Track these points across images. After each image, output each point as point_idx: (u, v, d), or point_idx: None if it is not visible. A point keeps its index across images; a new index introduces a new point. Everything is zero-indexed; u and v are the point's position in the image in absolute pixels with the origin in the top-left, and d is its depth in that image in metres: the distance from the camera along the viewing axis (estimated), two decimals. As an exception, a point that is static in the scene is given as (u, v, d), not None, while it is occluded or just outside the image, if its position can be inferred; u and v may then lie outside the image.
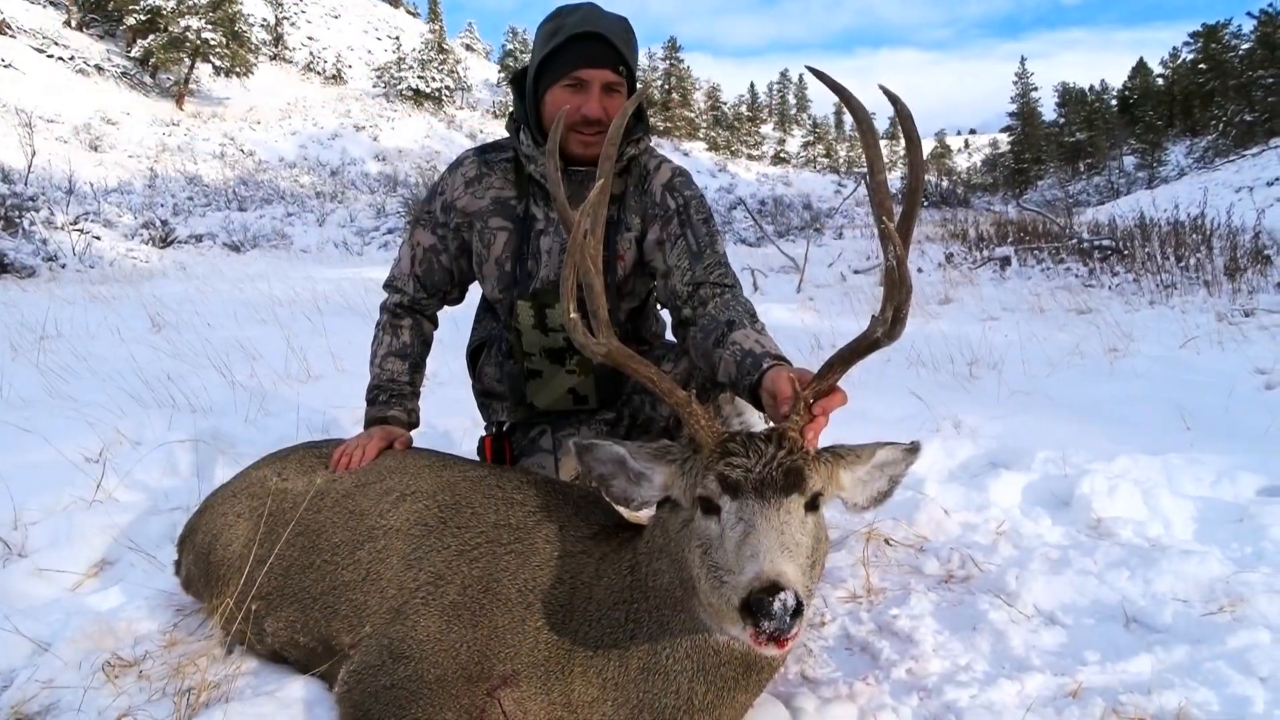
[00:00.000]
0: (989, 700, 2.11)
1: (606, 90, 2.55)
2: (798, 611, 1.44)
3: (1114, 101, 65.07)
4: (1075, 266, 10.45)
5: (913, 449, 1.86)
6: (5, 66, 32.92)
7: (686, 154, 63.66)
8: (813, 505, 1.66)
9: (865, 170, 2.05)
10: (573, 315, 1.86)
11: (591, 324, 1.90)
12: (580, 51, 2.52)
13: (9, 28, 36.06)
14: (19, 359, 5.55)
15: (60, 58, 37.02)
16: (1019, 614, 2.49)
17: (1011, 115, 69.09)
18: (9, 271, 10.36)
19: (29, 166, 16.25)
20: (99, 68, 38.68)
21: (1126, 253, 10.37)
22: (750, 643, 1.48)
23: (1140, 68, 65.40)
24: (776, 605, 1.42)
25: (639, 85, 2.63)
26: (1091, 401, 4.66)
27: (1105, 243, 10.98)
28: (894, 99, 1.84)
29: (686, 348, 2.56)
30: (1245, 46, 47.44)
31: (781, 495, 1.60)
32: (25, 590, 2.65)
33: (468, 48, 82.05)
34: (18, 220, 11.60)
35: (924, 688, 2.19)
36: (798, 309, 8.61)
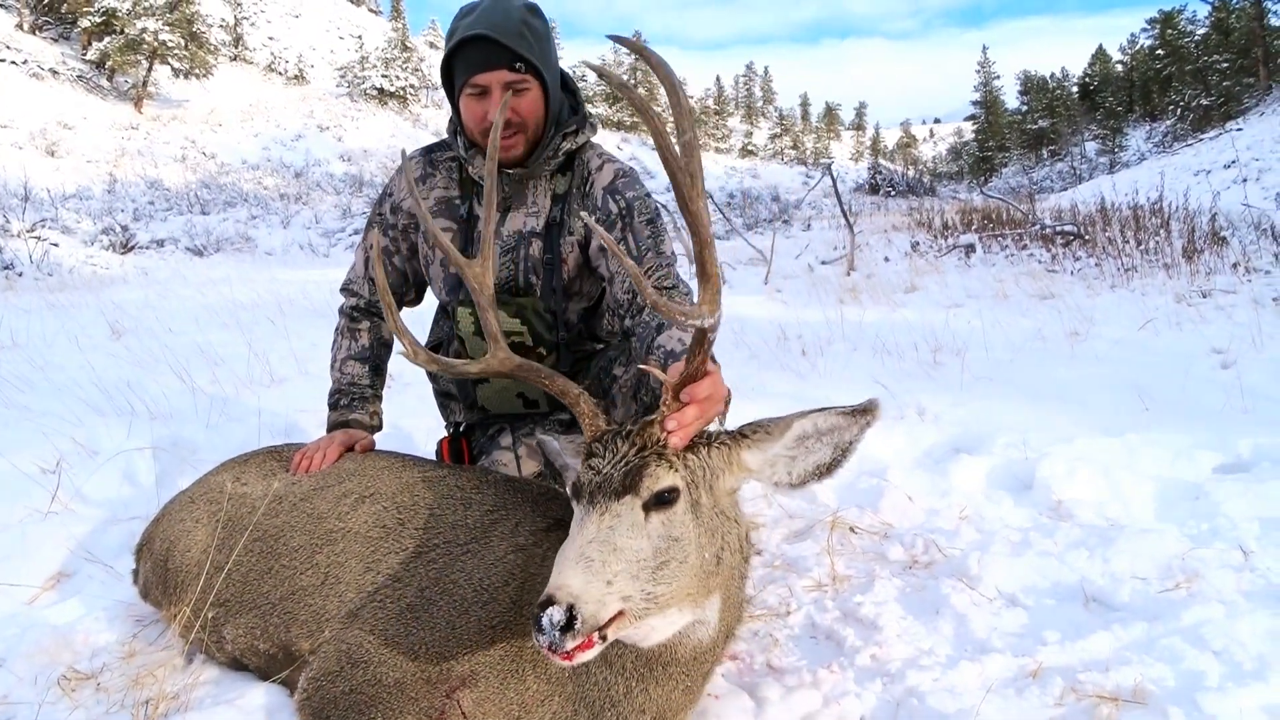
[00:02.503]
0: (951, 683, 2.13)
1: (511, 90, 2.48)
2: (567, 626, 1.41)
3: (1075, 88, 65.81)
4: (1038, 252, 10.58)
5: (865, 410, 1.66)
6: (-44, 72, 32.21)
7: (654, 149, 63.55)
8: (660, 502, 1.59)
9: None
10: (409, 351, 1.95)
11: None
12: (471, 57, 2.46)
13: (-41, 32, 35.26)
14: (-27, 370, 5.43)
15: (13, 61, 36.23)
16: (981, 597, 2.52)
17: (975, 104, 69.69)
18: (-37, 281, 10.15)
19: (-17, 173, 15.91)
20: (54, 71, 37.90)
21: (1088, 238, 10.52)
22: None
23: (1100, 55, 66.27)
24: (544, 621, 1.41)
25: (565, 70, 2.61)
26: (1053, 385, 4.72)
27: (1067, 228, 11.13)
28: (635, 47, 1.72)
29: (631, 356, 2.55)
30: (1201, 32, 48.12)
31: (611, 499, 1.56)
32: (-21, 605, 2.60)
33: (431, 45, 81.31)
34: (-28, 229, 11.37)
35: (887, 673, 2.21)
36: (765, 300, 8.64)
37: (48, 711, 2.09)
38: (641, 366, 1.86)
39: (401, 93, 54.93)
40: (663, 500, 1.59)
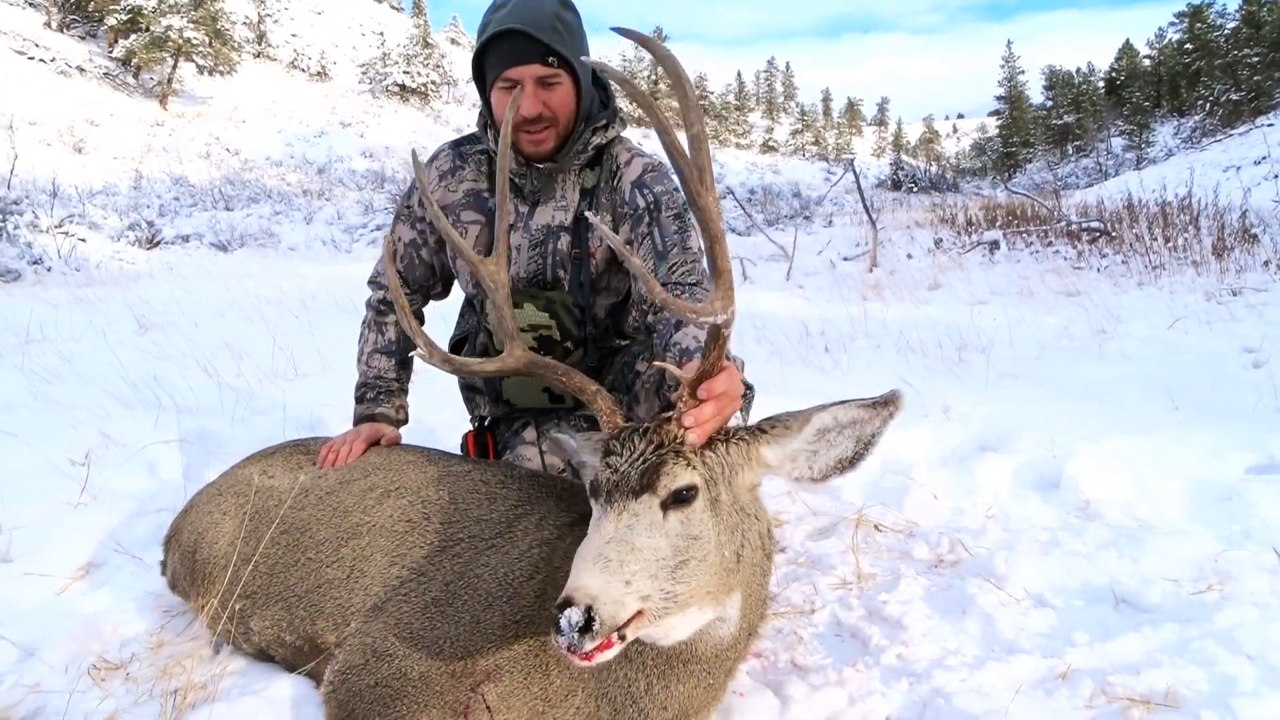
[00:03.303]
0: (978, 684, 2.11)
1: (542, 84, 2.47)
2: (586, 628, 1.41)
3: (1101, 83, 65.12)
4: (1064, 249, 10.47)
5: (887, 401, 1.65)
6: (-14, 69, 32.65)
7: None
8: (678, 500, 1.58)
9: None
10: (425, 350, 1.95)
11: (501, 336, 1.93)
12: (504, 51, 2.45)
13: (-11, 30, 35.75)
14: (3, 363, 5.51)
15: (41, 59, 36.70)
16: (1008, 597, 2.49)
17: (999, 99, 69.13)
18: (-7, 275, 10.29)
19: (12, 170, 16.13)
20: (81, 69, 38.35)
21: (1115, 234, 10.40)
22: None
23: (1127, 49, 65.48)
24: (563, 622, 1.41)
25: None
26: (1080, 383, 4.67)
27: (1093, 225, 11.00)
28: (640, 39, 1.66)
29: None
30: (1231, 25, 47.44)
31: (629, 498, 1.56)
32: (11, 594, 2.63)
33: (453, 42, 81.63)
34: (1, 224, 11.52)
35: (913, 673, 2.19)
36: (787, 297, 8.60)
37: (78, 700, 2.12)
38: (657, 364, 1.86)
39: (423, 89, 55.22)
40: (681, 498, 1.58)
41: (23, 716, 2.12)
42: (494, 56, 2.48)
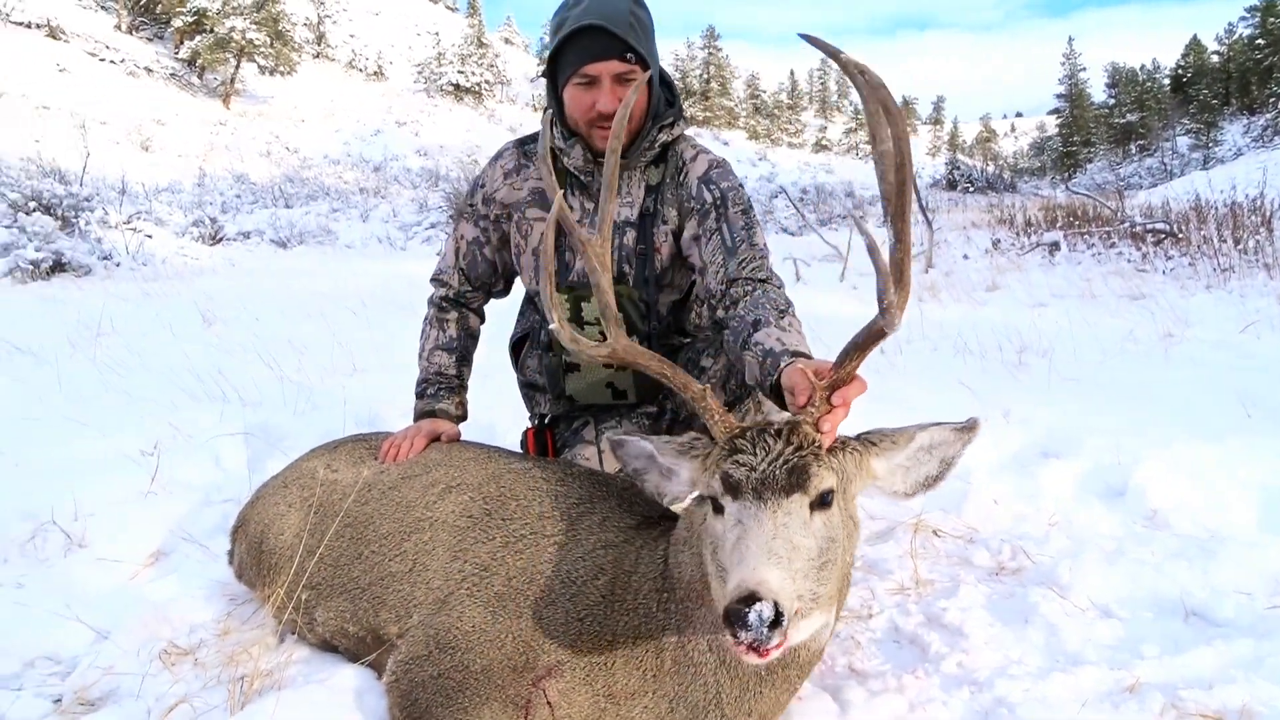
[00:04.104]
0: (1043, 694, 2.06)
1: (619, 80, 2.49)
2: (776, 623, 1.39)
3: (1166, 80, 63.27)
4: (1127, 251, 10.20)
5: (969, 427, 1.75)
6: (60, 71, 33.80)
7: (726, 143, 63.32)
8: (822, 503, 1.60)
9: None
10: (553, 327, 1.89)
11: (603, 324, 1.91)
12: (584, 47, 2.46)
13: (63, 33, 36.97)
14: (76, 355, 5.70)
15: (112, 61, 37.90)
16: (1073, 606, 2.43)
17: (1059, 97, 67.60)
18: (66, 270, 10.65)
19: (84, 168, 16.64)
20: (149, 70, 39.52)
21: (1181, 236, 10.10)
22: (732, 649, 1.46)
23: (1194, 45, 63.49)
24: (752, 617, 1.39)
25: (668, 65, 2.59)
26: (1146, 388, 4.54)
27: (1159, 226, 10.70)
28: (827, 48, 1.66)
29: (723, 348, 2.53)
30: (1306, 20, 45.84)
31: (781, 496, 1.55)
32: (86, 579, 2.72)
33: (507, 41, 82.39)
34: (74, 220, 11.91)
35: (975, 681, 2.16)
36: (842, 297, 8.51)
37: (150, 683, 2.19)
38: (799, 364, 1.82)
39: (477, 88, 55.83)
40: (824, 501, 1.60)
41: (98, 697, 2.19)
42: (572, 53, 2.50)
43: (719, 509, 1.62)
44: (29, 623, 2.42)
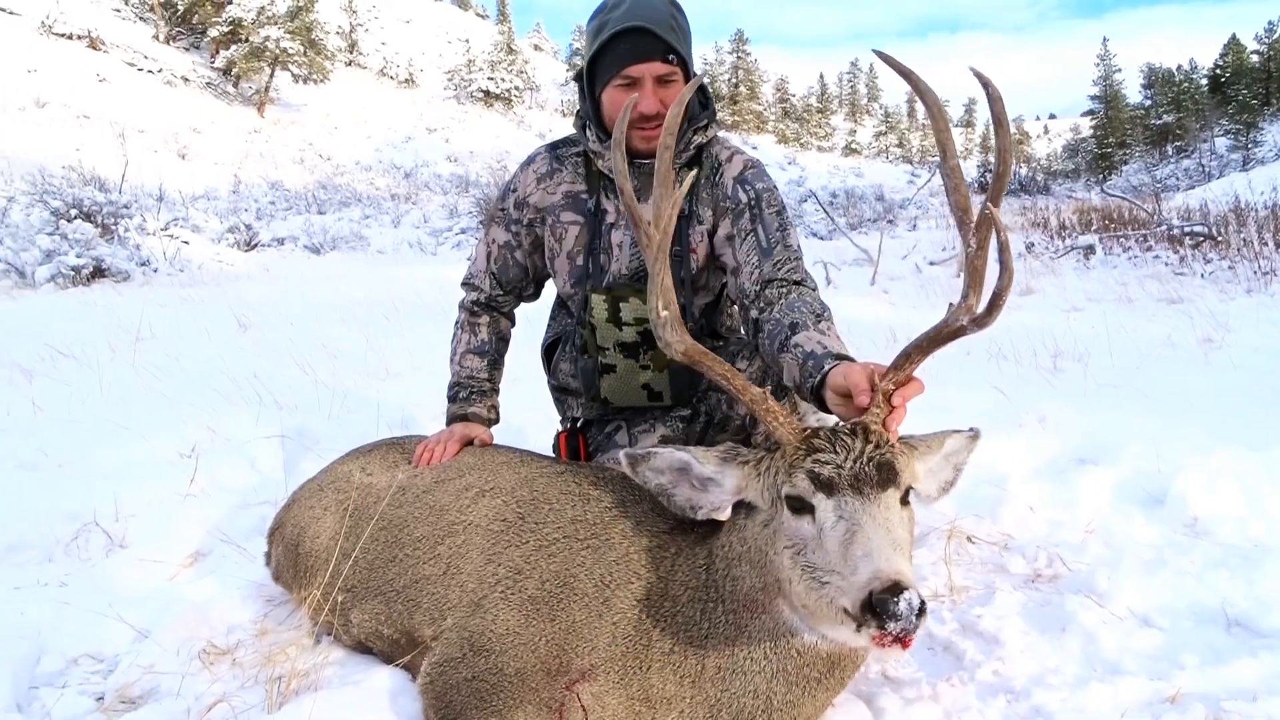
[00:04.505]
0: (1081, 704, 2.04)
1: (660, 82, 2.50)
2: (922, 610, 1.43)
3: (1204, 81, 62.16)
4: (1164, 254, 10.04)
5: (974, 436, 1.88)
6: (100, 81, 34.49)
7: (755, 148, 63.10)
8: (905, 499, 1.65)
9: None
10: (664, 313, 1.84)
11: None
12: (626, 48, 2.47)
13: (103, 44, 37.74)
14: (116, 359, 5.82)
15: (150, 70, 38.60)
16: (1111, 615, 2.40)
17: (1094, 99, 66.66)
18: (106, 276, 10.85)
19: (123, 176, 16.95)
20: (186, 79, 40.19)
21: (1220, 239, 9.92)
22: (871, 645, 1.48)
23: (1233, 44, 62.32)
24: (903, 606, 1.41)
25: (696, 69, 2.59)
26: (1185, 394, 4.46)
27: (1197, 229, 10.52)
28: (985, 81, 1.83)
29: (758, 349, 2.52)
30: (1349, 18, 44.85)
31: (878, 490, 1.59)
32: (127, 579, 2.77)
33: (536, 48, 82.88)
34: (113, 227, 12.12)
35: (1011, 689, 2.13)
36: (872, 301, 8.46)
37: (190, 682, 2.22)
38: (858, 366, 1.81)
39: (507, 95, 56.18)
40: (906, 497, 1.66)
41: (139, 695, 2.24)
42: (613, 54, 2.51)
43: (800, 509, 1.63)
44: (72, 621, 2.47)
